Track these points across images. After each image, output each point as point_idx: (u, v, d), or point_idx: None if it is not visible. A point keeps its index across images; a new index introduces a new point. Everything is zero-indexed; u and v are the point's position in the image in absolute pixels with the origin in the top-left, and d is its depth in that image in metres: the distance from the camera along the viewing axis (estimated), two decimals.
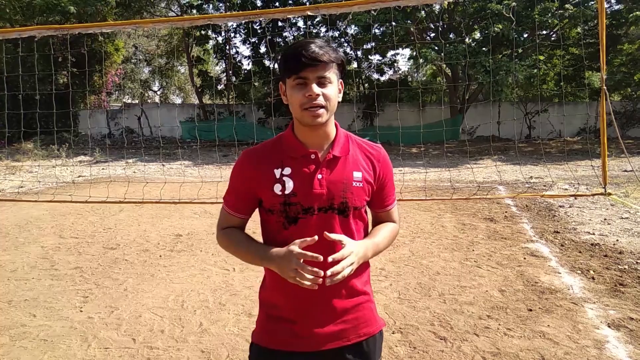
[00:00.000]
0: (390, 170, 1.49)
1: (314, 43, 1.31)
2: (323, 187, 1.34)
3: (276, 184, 1.35)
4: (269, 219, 1.39)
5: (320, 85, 1.30)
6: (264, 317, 1.45)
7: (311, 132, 1.37)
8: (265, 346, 1.41)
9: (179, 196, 7.61)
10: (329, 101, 1.32)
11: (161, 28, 19.44)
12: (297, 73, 1.30)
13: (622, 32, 17.45)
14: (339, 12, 5.78)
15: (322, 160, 1.37)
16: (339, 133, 1.42)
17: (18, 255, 5.03)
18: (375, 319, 1.47)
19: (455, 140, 18.72)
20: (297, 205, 1.33)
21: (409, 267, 4.46)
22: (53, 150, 14.77)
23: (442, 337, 3.07)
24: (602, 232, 5.50)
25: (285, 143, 1.41)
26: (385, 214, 1.53)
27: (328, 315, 1.38)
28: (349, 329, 1.39)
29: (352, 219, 1.38)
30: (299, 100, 1.31)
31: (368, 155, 1.45)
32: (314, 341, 1.37)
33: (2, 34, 7.36)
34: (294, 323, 1.37)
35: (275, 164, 1.37)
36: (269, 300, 1.45)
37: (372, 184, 1.43)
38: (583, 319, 3.28)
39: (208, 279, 4.24)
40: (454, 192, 7.97)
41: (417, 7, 16.31)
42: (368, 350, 1.43)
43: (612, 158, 11.43)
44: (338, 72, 1.36)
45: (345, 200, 1.35)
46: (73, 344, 3.07)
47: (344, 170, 1.38)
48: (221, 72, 24.87)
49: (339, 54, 1.35)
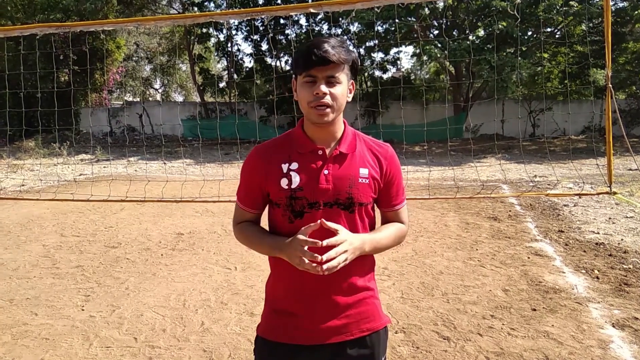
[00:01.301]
0: (397, 169, 1.49)
1: (327, 42, 1.33)
2: (329, 182, 1.37)
3: (283, 178, 1.38)
4: (276, 213, 1.42)
5: (328, 85, 1.33)
6: (268, 311, 1.48)
7: (319, 129, 1.40)
8: (270, 339, 1.43)
9: (180, 195, 7.59)
10: (336, 101, 1.35)
11: (163, 26, 19.41)
12: (307, 70, 1.33)
13: (627, 29, 17.33)
14: (341, 9, 5.74)
15: (329, 156, 1.40)
16: (347, 130, 1.45)
17: (20, 254, 5.03)
18: (380, 315, 1.47)
19: (458, 138, 18.66)
20: (303, 200, 1.36)
21: (412, 266, 4.43)
22: (54, 149, 14.78)
23: (445, 336, 3.05)
24: (606, 231, 5.46)
25: (294, 139, 1.44)
26: (393, 213, 1.52)
27: (331, 309, 1.39)
28: (352, 324, 1.41)
29: (357, 215, 1.40)
30: (307, 98, 1.34)
31: (375, 153, 1.46)
32: (318, 335, 1.38)
33: (4, 31, 7.35)
34: (297, 317, 1.40)
35: (284, 159, 1.40)
36: (273, 294, 1.48)
37: (379, 181, 1.44)
38: (587, 318, 3.25)
39: (210, 277, 4.23)
40: (457, 190, 7.93)
41: (421, 4, 16.25)
42: (372, 346, 1.43)
43: (617, 157, 11.35)
44: (349, 73, 1.40)
45: (350, 196, 1.38)
46: (74, 342, 3.06)
47: (350, 166, 1.40)
48: (223, 70, 24.81)
49: (351, 55, 1.37)
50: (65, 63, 16.40)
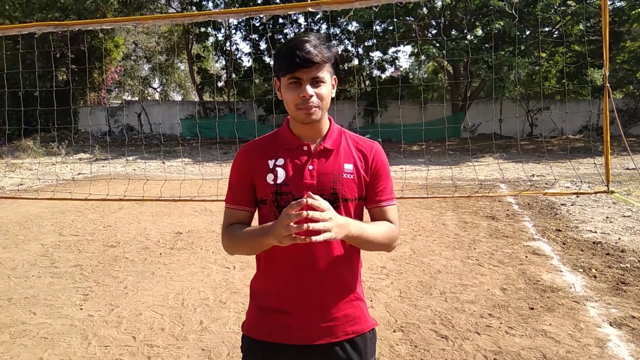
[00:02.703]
0: (384, 165, 1.46)
1: (308, 42, 1.32)
2: (314, 177, 1.37)
3: (269, 174, 1.39)
4: (262, 210, 1.42)
5: (314, 86, 1.34)
6: (254, 308, 1.46)
7: (305, 126, 1.41)
8: (257, 338, 1.42)
9: (179, 194, 7.59)
10: (323, 100, 1.36)
11: (161, 25, 19.39)
12: (291, 73, 1.32)
13: (625, 29, 17.38)
14: (340, 8, 5.74)
15: (313, 152, 1.41)
16: (332, 127, 1.46)
17: (18, 253, 5.03)
18: (366, 317, 1.46)
19: (456, 137, 18.68)
20: (289, 195, 1.36)
21: (410, 265, 4.45)
22: (53, 148, 14.74)
23: (443, 335, 3.06)
24: (604, 230, 5.48)
25: (280, 136, 1.46)
26: (379, 210, 1.44)
27: (318, 309, 1.38)
28: (338, 326, 1.40)
29: (343, 212, 1.37)
30: (294, 100, 1.35)
31: (360, 149, 1.46)
32: (306, 335, 1.38)
33: (2, 30, 7.33)
34: (285, 314, 1.38)
35: (270, 155, 1.42)
36: (260, 290, 1.46)
37: (365, 176, 1.43)
38: (585, 317, 3.27)
39: (208, 276, 4.23)
40: (455, 190, 7.94)
41: (419, 4, 16.25)
42: (358, 349, 1.42)
43: (615, 156, 11.39)
44: (332, 70, 1.40)
45: (335, 191, 1.37)
46: (73, 341, 3.06)
47: (334, 162, 1.41)
48: (221, 69, 24.79)
49: (332, 52, 1.37)
50: (63, 62, 16.37)
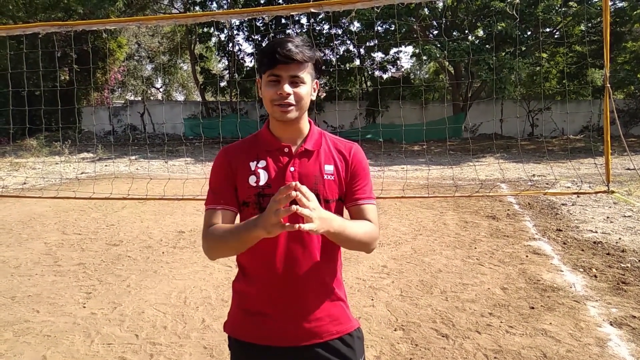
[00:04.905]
0: (363, 164, 1.47)
1: (291, 42, 1.34)
2: (295, 179, 1.37)
3: (251, 176, 1.39)
4: (245, 212, 1.41)
5: (292, 85, 1.34)
6: (236, 309, 1.47)
7: (285, 127, 1.42)
8: (241, 339, 1.42)
9: (182, 193, 7.62)
10: (301, 100, 1.36)
11: (164, 25, 19.42)
12: (271, 69, 1.34)
13: (626, 29, 17.36)
14: (342, 9, 5.76)
15: (294, 154, 1.41)
16: (313, 129, 1.47)
17: (21, 252, 5.06)
18: (349, 317, 1.46)
19: (457, 138, 18.69)
20: (271, 197, 1.32)
21: (411, 264, 4.46)
22: (56, 147, 14.80)
23: (444, 334, 3.08)
24: (604, 230, 5.49)
25: (260, 138, 1.46)
26: (357, 208, 1.43)
27: (298, 310, 1.38)
28: (322, 326, 1.40)
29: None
30: (271, 96, 1.36)
31: (340, 150, 1.47)
32: (289, 336, 1.38)
33: (6, 30, 7.37)
34: (267, 316, 1.39)
35: (251, 157, 1.42)
36: (242, 291, 1.45)
37: (345, 177, 1.44)
38: (585, 317, 3.28)
39: (211, 275, 4.26)
40: (456, 189, 7.95)
41: (421, 4, 16.27)
42: (344, 349, 1.42)
43: (615, 156, 11.39)
44: (313, 72, 1.40)
45: (316, 193, 1.35)
46: (76, 339, 3.09)
47: (315, 163, 1.42)
48: (224, 69, 24.84)
49: (314, 54, 1.38)
50: (67, 62, 16.43)
